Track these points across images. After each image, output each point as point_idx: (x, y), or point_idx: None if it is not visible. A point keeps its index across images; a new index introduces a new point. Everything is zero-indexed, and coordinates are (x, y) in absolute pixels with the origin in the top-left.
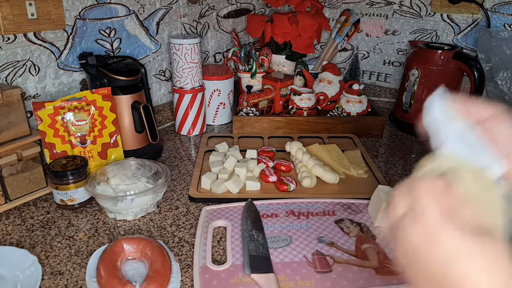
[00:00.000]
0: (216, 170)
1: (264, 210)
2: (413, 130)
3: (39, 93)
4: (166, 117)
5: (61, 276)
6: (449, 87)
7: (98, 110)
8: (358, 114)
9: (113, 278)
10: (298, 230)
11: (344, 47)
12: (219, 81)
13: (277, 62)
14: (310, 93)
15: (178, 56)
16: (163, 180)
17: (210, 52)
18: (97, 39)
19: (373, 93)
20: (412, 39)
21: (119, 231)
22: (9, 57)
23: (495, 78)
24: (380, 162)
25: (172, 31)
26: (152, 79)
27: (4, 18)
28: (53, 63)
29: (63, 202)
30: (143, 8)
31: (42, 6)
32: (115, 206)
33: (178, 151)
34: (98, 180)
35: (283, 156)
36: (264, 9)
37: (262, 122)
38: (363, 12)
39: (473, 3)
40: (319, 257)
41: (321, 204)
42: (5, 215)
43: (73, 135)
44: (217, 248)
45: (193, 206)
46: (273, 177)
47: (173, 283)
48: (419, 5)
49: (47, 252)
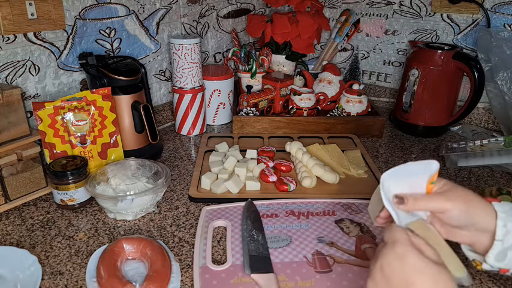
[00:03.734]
0: (216, 170)
1: (264, 210)
2: (413, 130)
3: (39, 93)
4: (166, 117)
5: (61, 276)
6: (449, 87)
7: (98, 110)
8: (358, 114)
9: (113, 278)
10: (298, 230)
11: (344, 47)
12: (219, 81)
13: (277, 62)
14: (310, 93)
15: (178, 56)
16: (163, 180)
17: (210, 52)
18: (97, 39)
19: (373, 93)
20: (412, 39)
21: (119, 231)
22: (9, 57)
23: (495, 78)
24: (380, 162)
25: (172, 31)
26: (152, 79)
27: (4, 18)
28: (53, 63)
29: (63, 202)
30: (143, 8)
31: (42, 6)
32: (115, 206)
33: (178, 151)
34: (98, 180)
35: (283, 156)
36: (264, 9)
37: (262, 122)
38: (363, 12)
39: (473, 3)
40: (319, 257)
41: (321, 204)
42: (5, 215)
43: (73, 135)
44: (217, 248)
45: (193, 206)
46: (273, 177)
47: (173, 283)
48: (419, 5)
49: (47, 252)
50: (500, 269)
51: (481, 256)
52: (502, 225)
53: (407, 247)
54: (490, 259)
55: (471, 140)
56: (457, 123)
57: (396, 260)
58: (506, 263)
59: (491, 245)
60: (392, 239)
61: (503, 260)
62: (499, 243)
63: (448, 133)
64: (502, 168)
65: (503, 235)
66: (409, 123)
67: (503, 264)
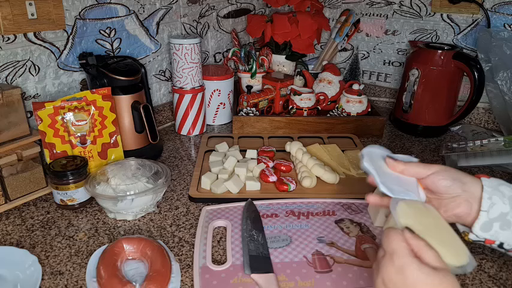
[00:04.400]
0: (216, 170)
1: (264, 210)
2: (413, 130)
3: (39, 93)
4: (166, 117)
5: (61, 276)
6: (449, 87)
7: (98, 110)
8: (358, 114)
9: (113, 278)
10: (298, 230)
11: (344, 47)
12: (219, 81)
13: (277, 62)
14: (310, 93)
15: (178, 56)
16: (163, 180)
17: (210, 52)
18: (97, 39)
19: (373, 93)
20: (412, 39)
21: (118, 231)
22: (9, 57)
23: (495, 78)
24: None
25: (172, 31)
26: (152, 79)
27: (4, 18)
28: (53, 63)
29: (63, 202)
30: (143, 8)
31: (42, 6)
32: (115, 206)
33: (178, 151)
34: (98, 180)
35: (283, 156)
36: (264, 9)
37: (262, 122)
38: (363, 12)
39: (473, 3)
40: (319, 257)
41: (321, 204)
42: (5, 215)
43: (73, 135)
44: (217, 248)
45: (193, 206)
46: (273, 177)
47: (173, 283)
48: (419, 5)
49: (47, 252)
50: (485, 240)
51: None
52: (487, 197)
53: (406, 259)
54: (476, 229)
55: (471, 140)
56: (457, 123)
57: (397, 275)
58: (491, 234)
59: (477, 216)
60: (390, 249)
61: (488, 231)
62: (484, 213)
63: (448, 133)
64: (502, 168)
65: (488, 206)
66: (409, 123)
67: (489, 234)
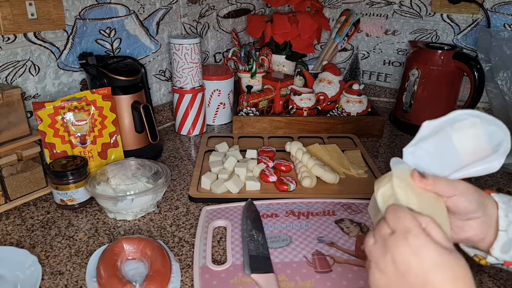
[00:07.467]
0: (216, 170)
1: (264, 210)
2: (413, 130)
3: (39, 93)
4: (166, 117)
5: (61, 276)
6: (449, 87)
7: (98, 110)
8: (358, 114)
9: (113, 278)
10: (298, 230)
11: (344, 47)
12: (219, 81)
13: (277, 62)
14: (310, 93)
15: (178, 56)
16: (163, 180)
17: (210, 52)
18: (97, 39)
19: (373, 93)
20: (412, 39)
21: (118, 231)
22: (9, 57)
23: (495, 78)
24: (380, 162)
25: (172, 31)
26: (152, 79)
27: (4, 18)
28: (53, 63)
29: (63, 202)
30: (143, 8)
31: (42, 6)
32: (115, 206)
33: (178, 151)
34: (98, 180)
35: (283, 156)
36: (264, 9)
37: (262, 122)
38: (363, 12)
39: (473, 3)
40: (319, 257)
41: (321, 204)
42: (5, 215)
43: (73, 135)
44: (217, 248)
45: (193, 206)
46: (273, 177)
47: (173, 283)
48: (419, 5)
49: (47, 252)
50: (505, 262)
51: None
52: (504, 215)
53: (422, 239)
54: (496, 251)
55: None
56: None
57: (413, 256)
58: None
59: (496, 237)
60: (402, 226)
61: (508, 252)
62: (503, 233)
63: None
64: (502, 168)
65: (507, 225)
66: (409, 123)
67: (508, 256)
